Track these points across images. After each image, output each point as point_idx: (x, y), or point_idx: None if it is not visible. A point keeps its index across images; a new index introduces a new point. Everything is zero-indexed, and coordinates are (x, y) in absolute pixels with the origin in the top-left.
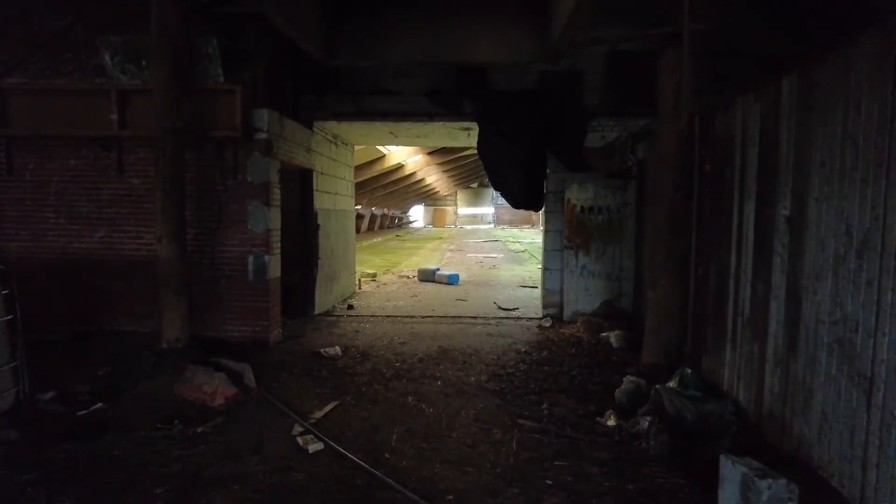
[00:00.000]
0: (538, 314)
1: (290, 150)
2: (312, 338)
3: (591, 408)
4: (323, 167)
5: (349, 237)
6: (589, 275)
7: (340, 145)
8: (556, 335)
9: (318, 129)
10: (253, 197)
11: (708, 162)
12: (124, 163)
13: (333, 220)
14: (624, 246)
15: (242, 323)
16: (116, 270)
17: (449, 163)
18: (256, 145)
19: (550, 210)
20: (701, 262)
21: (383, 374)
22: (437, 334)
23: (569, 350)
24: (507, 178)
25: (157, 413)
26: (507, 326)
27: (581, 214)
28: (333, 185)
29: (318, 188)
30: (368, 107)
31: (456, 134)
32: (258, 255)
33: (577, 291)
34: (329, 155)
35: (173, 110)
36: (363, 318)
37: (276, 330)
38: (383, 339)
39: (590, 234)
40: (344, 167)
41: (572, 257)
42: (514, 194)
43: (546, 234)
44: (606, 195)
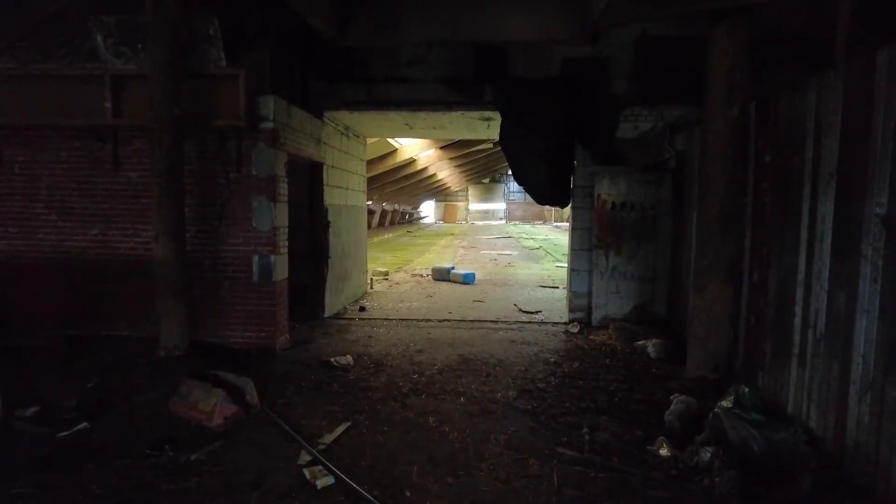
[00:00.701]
0: (563, 318)
1: (299, 142)
2: (322, 344)
3: (637, 432)
4: (334, 160)
5: (361, 234)
6: (620, 276)
7: (352, 137)
8: (585, 343)
9: (329, 120)
10: (258, 192)
11: (768, 153)
12: (120, 155)
13: (345, 216)
14: (658, 245)
15: (246, 328)
16: (112, 271)
17: (461, 157)
18: (261, 135)
19: (578, 206)
20: (757, 267)
21: (400, 389)
22: (456, 341)
23: (602, 360)
24: (531, 171)
25: (148, 434)
26: (531, 332)
27: (612, 211)
28: (345, 180)
29: (328, 183)
30: (382, 95)
31: (475, 125)
32: (263, 254)
33: (607, 294)
34: (340, 147)
35: (170, 96)
36: (376, 322)
37: (283, 336)
38: (398, 345)
39: (621, 232)
40: (356, 161)
41: (602, 257)
42: (538, 189)
43: (573, 233)
44: (639, 190)
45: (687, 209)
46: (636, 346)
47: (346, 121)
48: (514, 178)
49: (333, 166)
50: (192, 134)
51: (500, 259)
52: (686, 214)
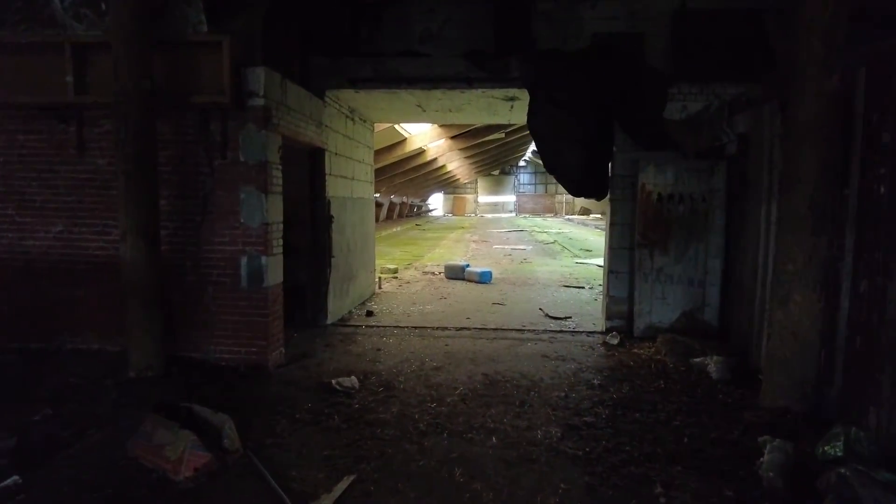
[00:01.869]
0: (598, 326)
1: (296, 124)
2: (323, 359)
3: (726, 492)
4: (337, 147)
5: (368, 230)
6: (666, 279)
7: (358, 122)
8: (630, 358)
9: (332, 100)
10: (246, 181)
11: (887, 129)
12: (86, 138)
13: (350, 209)
14: (710, 243)
15: (234, 342)
16: (79, 274)
17: (472, 148)
18: (250, 115)
19: (617, 198)
20: (867, 274)
21: (415, 423)
22: (479, 355)
23: (655, 382)
24: (564, 157)
25: (95, 492)
26: (564, 343)
27: (658, 204)
28: (350, 169)
29: (331, 172)
30: (392, 71)
31: (497, 106)
32: (253, 255)
33: (652, 300)
34: (345, 132)
35: (138, 65)
36: (385, 330)
37: (278, 350)
38: (411, 361)
39: (668, 228)
40: (363, 148)
41: (646, 257)
42: (572, 178)
43: (611, 229)
44: (690, 180)
45: (752, 202)
46: (693, 364)
47: (351, 102)
48: (545, 165)
49: (337, 153)
50: (168, 113)
51: (515, 254)
52: (751, 208)
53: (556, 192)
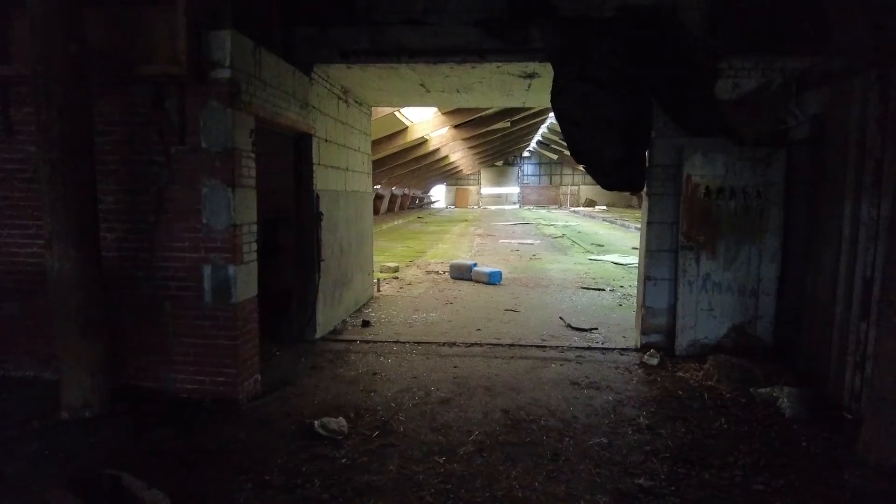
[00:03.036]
0: (630, 340)
1: (275, 103)
2: (307, 387)
3: None
4: (328, 132)
5: (365, 227)
6: (714, 288)
7: (353, 105)
8: (676, 384)
9: (321, 77)
10: (209, 173)
11: None
12: (13, 120)
13: (343, 204)
14: (765, 245)
15: (197, 369)
16: (8, 286)
17: (476, 138)
18: (214, 90)
19: (656, 192)
20: None
21: (419, 491)
22: (495, 381)
23: (715, 421)
24: (596, 143)
25: None
26: (595, 364)
27: (706, 199)
28: (343, 158)
29: (320, 161)
30: (391, 42)
31: (512, 85)
32: (218, 264)
33: (697, 312)
34: (337, 116)
35: (62, 25)
36: (383, 346)
37: (252, 378)
38: (414, 390)
39: (717, 227)
40: (358, 135)
41: (691, 262)
42: (604, 167)
43: (649, 228)
44: (743, 171)
45: (830, 199)
46: (756, 395)
47: (344, 80)
48: (572, 152)
49: (328, 140)
50: (110, 87)
51: (523, 250)
52: (828, 206)
53: (561, 184)
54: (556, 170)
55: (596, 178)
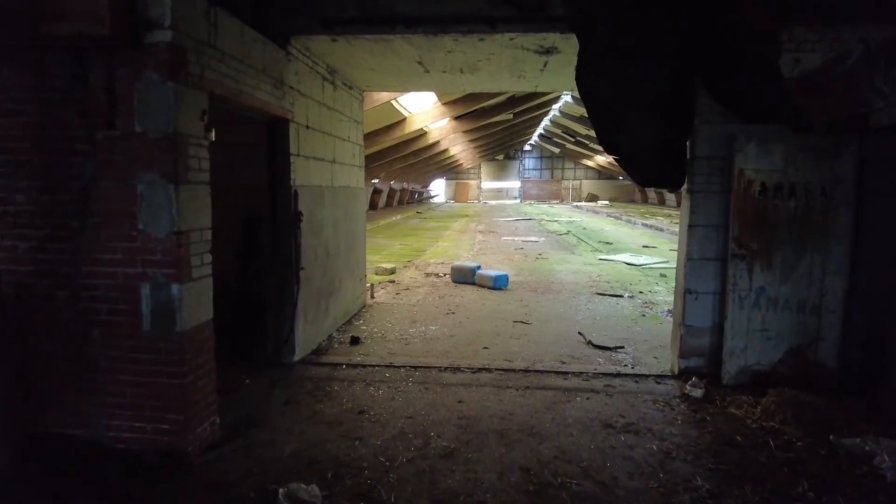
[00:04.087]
0: (662, 361)
1: (238, 79)
2: (278, 431)
3: None
4: (310, 118)
5: (356, 227)
6: (769, 304)
7: (342, 88)
8: (730, 426)
9: (301, 53)
10: (146, 165)
11: None
12: None
13: (330, 202)
14: (830, 254)
15: (135, 414)
16: None
17: (476, 131)
18: (151, 58)
19: (700, 189)
20: None
21: None
22: (509, 423)
23: (793, 485)
24: (631, 129)
25: None
26: (628, 397)
27: (761, 198)
28: (329, 149)
29: (299, 152)
30: (383, 7)
31: (525, 64)
32: (159, 282)
33: (749, 333)
34: (322, 100)
35: None
36: (374, 372)
37: (206, 423)
38: (409, 437)
39: (773, 232)
40: (348, 123)
41: (743, 273)
42: (641, 159)
43: (690, 233)
44: (805, 164)
45: None
46: (841, 447)
47: (329, 58)
48: (601, 140)
49: (310, 127)
50: (14, 52)
51: (528, 248)
52: None
53: (563, 178)
54: (558, 164)
55: (630, 171)
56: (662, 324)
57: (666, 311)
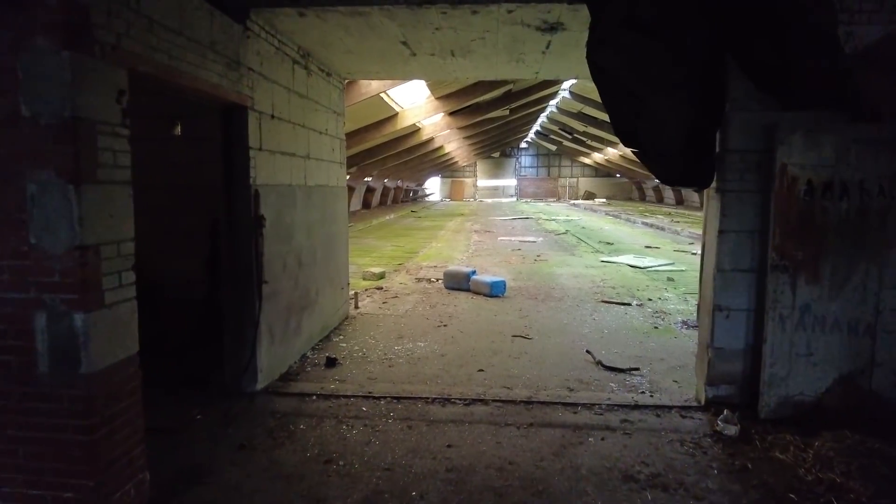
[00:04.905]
0: (687, 389)
1: (174, 54)
2: (225, 490)
3: None
4: (277, 106)
5: (337, 230)
6: (815, 324)
7: (317, 74)
8: (778, 478)
9: (264, 30)
10: (38, 161)
11: None
12: None
13: (303, 203)
14: (888, 264)
15: (31, 479)
16: None
17: (472, 127)
18: (40, 20)
19: (731, 188)
20: None
21: None
22: (509, 478)
23: None
24: (653, 116)
25: None
26: (649, 437)
27: (807, 199)
28: (302, 142)
29: (262, 145)
30: None
31: (525, 44)
32: (58, 311)
33: (792, 358)
34: (292, 87)
35: None
36: (349, 406)
37: (128, 486)
38: (385, 499)
39: (821, 239)
40: (325, 113)
41: (785, 288)
42: (663, 151)
43: (721, 240)
44: (861, 158)
45: None
46: None
47: (300, 37)
48: (617, 129)
49: (276, 117)
50: None
51: (525, 249)
52: None
53: (559, 176)
54: (555, 161)
55: (651, 167)
56: (678, 338)
57: (680, 323)
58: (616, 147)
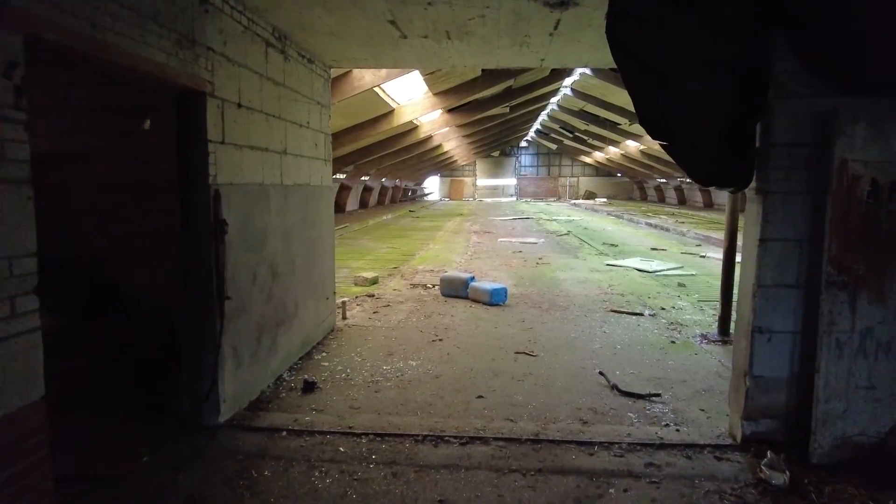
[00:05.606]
0: (717, 420)
1: (96, 20)
2: None
3: None
4: (246, 94)
5: (321, 234)
6: (878, 350)
7: (296, 60)
8: None
9: (228, 4)
10: None
11: None
12: None
13: (278, 205)
14: None
15: None
16: None
17: (471, 125)
18: None
19: (776, 189)
20: None
21: None
22: None
23: None
24: (686, 101)
25: None
26: (680, 487)
27: (870, 202)
28: (278, 136)
29: (225, 138)
30: None
31: (531, 23)
32: None
33: (850, 390)
34: (264, 72)
35: None
36: (323, 445)
37: None
38: None
39: (887, 250)
40: (306, 104)
41: (843, 308)
42: (698, 144)
43: (763, 249)
44: None
45: None
46: None
47: (273, 16)
48: (643, 117)
49: (244, 106)
50: None
51: (526, 251)
52: None
53: (560, 175)
54: (555, 160)
55: (682, 161)
56: (698, 354)
57: (699, 337)
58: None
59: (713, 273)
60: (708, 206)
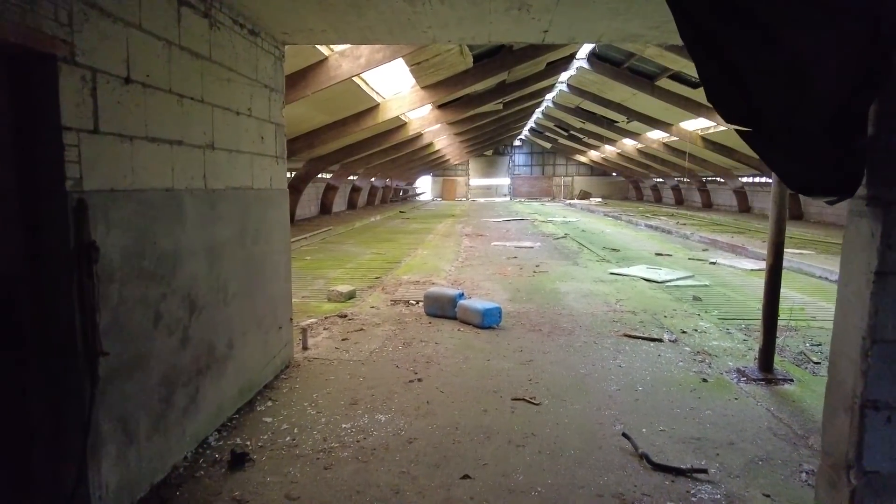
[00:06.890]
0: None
1: None
2: None
3: None
4: (140, 66)
5: (270, 249)
6: None
7: (230, 28)
8: None
9: None
10: None
11: None
12: None
13: (199, 217)
14: None
15: None
16: None
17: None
18: None
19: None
20: None
21: None
22: None
23: None
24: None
25: None
26: None
27: None
28: (198, 125)
29: (100, 125)
30: None
31: None
32: None
33: None
34: (177, 40)
35: None
36: None
37: None
38: None
39: None
40: (247, 86)
41: None
42: (801, 128)
43: (879, 287)
44: None
45: None
46: None
47: None
48: (712, 93)
49: (140, 83)
50: None
51: (522, 256)
52: None
53: (554, 175)
54: (549, 160)
55: (775, 155)
56: (738, 398)
57: (735, 373)
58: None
59: (728, 283)
60: (707, 206)
